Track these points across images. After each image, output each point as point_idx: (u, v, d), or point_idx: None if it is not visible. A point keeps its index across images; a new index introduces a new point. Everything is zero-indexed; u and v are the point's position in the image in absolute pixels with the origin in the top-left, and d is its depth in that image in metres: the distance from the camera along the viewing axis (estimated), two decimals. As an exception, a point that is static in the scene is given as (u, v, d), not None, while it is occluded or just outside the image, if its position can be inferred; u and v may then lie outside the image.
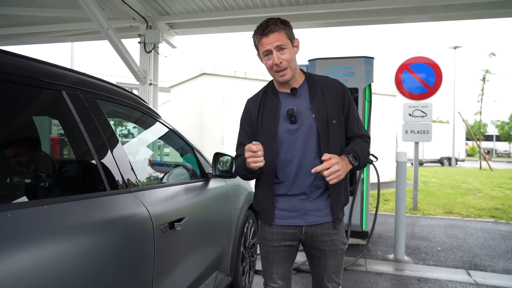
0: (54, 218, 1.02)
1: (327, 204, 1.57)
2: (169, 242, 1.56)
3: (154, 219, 1.44)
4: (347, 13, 5.16)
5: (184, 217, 1.68)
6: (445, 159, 22.44)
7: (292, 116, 1.53)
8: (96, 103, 1.42)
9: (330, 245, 1.59)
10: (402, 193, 3.92)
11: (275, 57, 1.48)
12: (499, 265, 3.73)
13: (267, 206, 1.59)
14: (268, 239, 1.62)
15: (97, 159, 1.29)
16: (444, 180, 11.85)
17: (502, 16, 5.09)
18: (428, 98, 6.51)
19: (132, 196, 1.40)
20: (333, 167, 1.37)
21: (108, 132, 1.41)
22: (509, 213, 6.35)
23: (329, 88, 1.60)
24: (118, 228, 1.25)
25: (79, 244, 1.07)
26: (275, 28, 1.48)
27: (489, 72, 17.21)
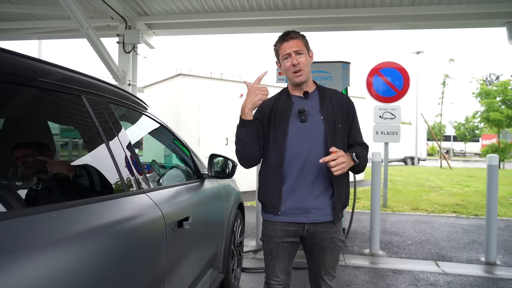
0: (88, 217, 1.08)
1: (329, 203, 1.69)
2: (178, 240, 1.63)
3: (166, 218, 1.51)
4: (324, 19, 5.38)
5: (189, 216, 1.76)
6: (408, 158, 23.59)
7: (303, 114, 1.68)
8: (110, 107, 1.47)
9: (329, 242, 1.71)
10: (376, 191, 4.17)
11: (293, 59, 1.67)
12: (463, 256, 4.06)
13: (274, 196, 1.68)
14: (271, 236, 1.72)
15: (115, 162, 1.35)
16: (409, 179, 12.50)
17: (463, 26, 5.51)
18: (397, 101, 6.90)
19: (146, 196, 1.47)
20: (339, 159, 1.53)
21: (123, 135, 1.46)
22: (469, 209, 6.87)
23: (337, 98, 1.78)
24: (137, 227, 1.31)
25: (106, 243, 1.13)
26: (294, 35, 1.70)
27: (449, 77, 18.32)
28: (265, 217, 1.78)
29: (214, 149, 7.00)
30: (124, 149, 1.43)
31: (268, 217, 1.75)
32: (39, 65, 1.17)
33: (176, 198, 1.78)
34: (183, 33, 5.92)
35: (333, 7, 5.09)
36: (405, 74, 6.84)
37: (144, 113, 1.80)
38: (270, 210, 1.72)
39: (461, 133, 42.19)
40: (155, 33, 5.88)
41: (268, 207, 1.73)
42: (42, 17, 5.58)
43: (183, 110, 7.76)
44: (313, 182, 1.68)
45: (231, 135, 8.39)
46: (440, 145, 19.29)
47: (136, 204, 1.38)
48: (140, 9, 5.32)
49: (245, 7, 5.17)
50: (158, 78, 8.75)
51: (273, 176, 1.70)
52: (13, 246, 0.81)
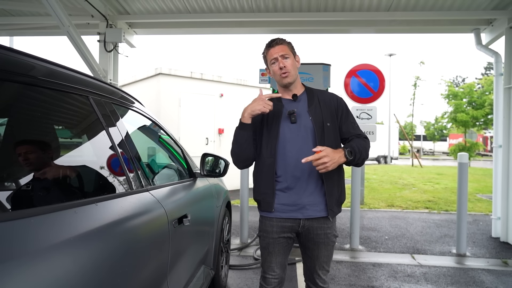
0: (102, 213, 1.13)
1: (323, 199, 1.78)
2: (178, 237, 1.69)
3: (169, 215, 1.57)
4: (304, 22, 5.53)
5: (187, 213, 1.82)
6: (382, 157, 24.37)
7: (293, 116, 1.77)
8: (113, 107, 1.51)
9: (324, 238, 1.80)
10: (357, 190, 4.36)
11: (280, 62, 1.78)
12: (436, 249, 4.31)
13: (268, 194, 1.76)
14: (268, 231, 1.80)
15: (122, 161, 1.39)
16: (383, 177, 12.95)
17: (435, 32, 5.84)
18: (373, 102, 7.16)
19: (149, 194, 1.52)
20: (322, 159, 1.60)
21: (126, 135, 1.51)
22: (440, 204, 7.24)
23: (325, 98, 1.87)
24: (142, 223, 1.37)
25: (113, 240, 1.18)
26: (280, 41, 1.81)
27: (419, 79, 19.10)
28: (261, 214, 1.86)
29: (195, 148, 7.02)
30: (128, 148, 1.48)
31: (264, 214, 1.83)
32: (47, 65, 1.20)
33: (175, 196, 1.83)
34: (165, 32, 5.90)
35: (314, 10, 5.25)
36: (381, 76, 7.10)
37: (141, 113, 1.84)
38: (265, 207, 1.80)
39: (430, 133, 43.94)
40: (136, 32, 5.83)
41: (263, 205, 1.81)
42: (17, 13, 5.40)
43: (163, 109, 7.72)
44: (307, 179, 1.76)
45: (211, 135, 8.40)
46: (411, 144, 20.06)
47: (141, 201, 1.42)
48: (121, 7, 5.26)
49: (228, 8, 5.23)
50: (137, 77, 8.64)
51: (267, 175, 1.78)
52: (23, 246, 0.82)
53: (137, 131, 1.82)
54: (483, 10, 4.84)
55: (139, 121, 1.91)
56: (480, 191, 9.25)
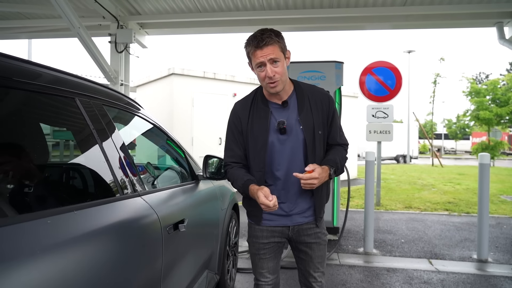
0: (83, 222, 1.06)
1: (311, 207, 1.71)
2: (174, 243, 1.62)
3: (162, 221, 1.50)
4: (316, 19, 5.39)
5: (185, 218, 1.75)
6: (400, 156, 23.80)
7: (283, 129, 1.62)
8: (104, 109, 1.45)
9: (315, 238, 1.74)
10: (370, 190, 4.20)
11: (269, 70, 1.52)
12: (455, 253, 4.11)
13: (256, 207, 1.63)
14: (258, 237, 1.73)
15: (110, 165, 1.33)
16: (402, 177, 12.61)
17: (454, 26, 5.58)
18: (389, 100, 6.95)
19: (141, 199, 1.46)
20: (311, 180, 1.51)
21: (117, 137, 1.45)
22: (460, 206, 6.95)
23: (316, 99, 1.68)
24: (133, 230, 1.30)
25: (99, 248, 1.12)
26: (269, 41, 1.51)
27: (440, 76, 18.52)
28: (252, 221, 1.78)
29: (208, 149, 6.97)
30: (119, 151, 1.42)
31: (255, 221, 1.76)
32: (30, 67, 1.15)
33: (172, 200, 1.76)
34: (176, 32, 5.88)
35: (326, 6, 5.11)
36: (397, 73, 6.89)
37: (137, 114, 1.78)
38: (252, 219, 1.76)
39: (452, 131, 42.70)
40: (147, 32, 5.84)
41: (251, 216, 1.76)
42: (32, 16, 5.50)
43: (176, 109, 7.72)
44: (297, 191, 1.67)
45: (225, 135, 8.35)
46: (431, 143, 19.49)
47: (131, 207, 1.36)
48: (132, 8, 5.27)
49: (238, 6, 5.16)
50: (150, 77, 8.69)
51: None
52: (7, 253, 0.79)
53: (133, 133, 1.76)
54: (506, 2, 4.59)
55: (136, 124, 1.85)
56: (505, 192, 8.86)
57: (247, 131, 1.67)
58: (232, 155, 1.72)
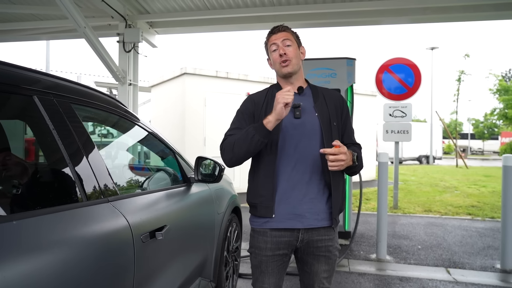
0: (25, 234, 0.95)
1: (325, 207, 1.56)
2: (150, 251, 1.50)
3: (134, 229, 1.38)
4: (328, 15, 5.19)
5: (166, 225, 1.63)
6: (423, 157, 23.05)
7: (297, 109, 1.56)
8: (71, 107, 1.35)
9: (325, 251, 1.58)
10: (384, 193, 3.97)
11: (280, 49, 1.58)
12: (476, 262, 3.82)
13: (267, 197, 1.53)
14: (261, 248, 1.57)
15: (72, 168, 1.22)
16: (423, 179, 12.13)
17: (476, 19, 5.23)
18: (408, 98, 6.64)
19: (110, 205, 1.34)
20: (340, 155, 1.40)
21: (84, 139, 1.34)
22: (485, 210, 6.56)
23: (330, 96, 1.68)
24: (94, 241, 1.18)
25: (53, 261, 1.00)
26: (283, 28, 1.63)
27: (464, 73, 17.76)
28: (254, 225, 1.62)
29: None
30: (85, 152, 1.31)
31: (258, 225, 1.59)
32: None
33: (152, 205, 1.64)
34: (185, 31, 5.82)
35: (338, 1, 4.90)
36: (416, 70, 6.57)
37: (116, 113, 1.67)
38: (262, 213, 1.55)
39: (479, 131, 41.05)
40: (157, 31, 5.80)
41: (260, 209, 1.56)
42: (45, 17, 5.56)
43: (188, 109, 7.67)
44: (307, 183, 1.54)
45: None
46: (455, 143, 18.73)
47: (95, 214, 1.25)
48: (141, 7, 5.23)
49: (247, 3, 5.03)
50: (164, 77, 8.69)
51: (267, 175, 1.55)
52: None
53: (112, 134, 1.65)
54: (534, -9, 4.25)
55: (116, 123, 1.75)
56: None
57: (260, 115, 1.59)
58: (236, 131, 1.59)
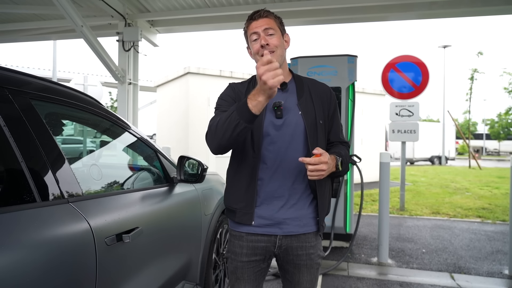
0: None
1: (308, 212, 1.45)
2: (117, 255, 1.42)
3: (96, 232, 1.30)
4: (331, 11, 5.06)
5: (137, 227, 1.55)
6: (436, 157, 22.56)
7: (279, 109, 1.42)
8: (31, 103, 1.28)
9: (306, 259, 1.46)
10: (385, 194, 3.83)
11: (262, 39, 1.41)
12: (483, 268, 3.65)
13: (247, 203, 1.42)
14: (237, 253, 1.48)
15: (25, 166, 1.15)
16: (433, 180, 11.84)
17: (485, 14, 5.03)
18: (415, 97, 6.45)
19: (70, 207, 1.27)
20: (320, 165, 1.27)
21: (43, 136, 1.27)
22: (496, 213, 6.32)
23: (317, 90, 1.53)
24: (46, 244, 1.11)
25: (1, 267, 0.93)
26: (265, 13, 1.45)
27: (477, 71, 17.31)
28: (232, 228, 1.52)
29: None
30: (43, 151, 1.24)
31: (236, 228, 1.50)
32: None
33: (122, 207, 1.56)
34: (186, 29, 5.76)
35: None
36: (424, 68, 6.38)
37: (85, 109, 1.59)
38: (241, 219, 1.44)
39: (494, 131, 40.11)
40: (158, 30, 5.77)
41: (239, 215, 1.45)
42: (47, 17, 5.58)
43: (192, 109, 7.63)
44: (290, 188, 1.43)
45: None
46: (468, 143, 18.27)
47: (50, 216, 1.17)
48: (141, 5, 5.20)
49: (248, 0, 4.94)
50: (168, 77, 8.68)
51: (246, 179, 1.43)
52: None
53: (81, 131, 1.58)
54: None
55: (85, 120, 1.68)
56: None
57: None
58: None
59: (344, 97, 4.21)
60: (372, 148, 10.09)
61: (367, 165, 6.96)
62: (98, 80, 9.93)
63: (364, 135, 10.11)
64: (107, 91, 16.87)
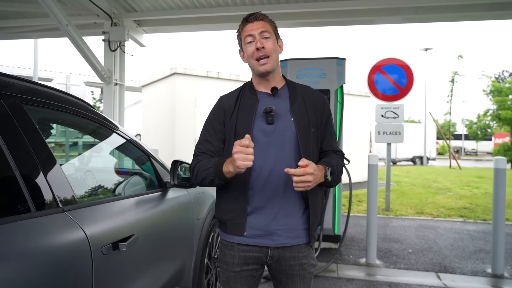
0: None
1: (301, 222, 1.42)
2: (113, 264, 1.39)
3: (92, 241, 1.27)
4: (320, 13, 5.10)
5: (133, 234, 1.52)
6: (417, 158, 23.07)
7: (270, 115, 1.39)
8: (23, 109, 1.24)
9: (299, 269, 1.44)
10: (373, 197, 3.88)
11: (258, 42, 1.39)
12: (467, 267, 3.75)
13: (238, 213, 1.39)
14: (228, 263, 1.45)
15: (19, 175, 1.11)
16: (416, 180, 12.10)
17: (469, 19, 5.16)
18: (400, 99, 6.56)
19: (66, 215, 1.23)
20: (306, 176, 1.24)
21: (36, 142, 1.23)
22: (477, 212, 6.50)
23: (310, 97, 1.50)
24: (42, 255, 1.07)
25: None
26: (261, 16, 1.43)
27: (458, 74, 17.79)
28: (223, 238, 1.49)
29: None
30: (36, 158, 1.19)
31: (227, 238, 1.47)
32: None
33: (117, 214, 1.53)
34: (174, 30, 5.70)
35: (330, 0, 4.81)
36: (409, 71, 6.50)
37: (76, 112, 1.55)
38: (232, 230, 1.42)
39: (472, 132, 41.23)
40: (145, 30, 5.68)
41: (230, 227, 1.42)
42: (23, 15, 5.40)
43: (179, 110, 7.55)
44: (282, 197, 1.39)
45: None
46: (449, 144, 18.76)
47: (45, 226, 1.14)
48: (128, 5, 5.11)
49: (236, 2, 4.93)
50: (154, 77, 8.56)
51: (237, 189, 1.40)
52: None
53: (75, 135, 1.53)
54: (527, -9, 4.19)
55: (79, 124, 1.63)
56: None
57: (231, 123, 1.44)
58: (207, 148, 1.46)
59: (333, 100, 4.24)
60: (357, 149, 10.23)
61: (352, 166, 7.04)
62: (81, 80, 9.73)
63: (349, 136, 10.23)
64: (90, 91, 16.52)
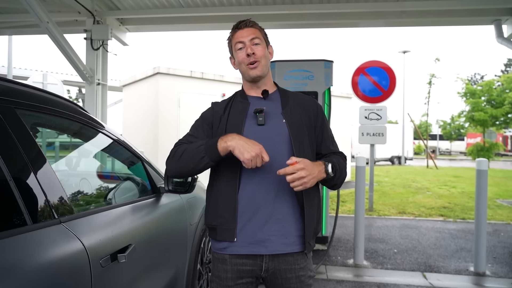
0: None
1: (295, 228, 1.37)
2: (111, 276, 1.33)
3: (91, 253, 1.20)
4: (306, 15, 5.12)
5: (131, 244, 1.46)
6: (395, 158, 23.61)
7: (261, 115, 1.37)
8: (16, 114, 1.16)
9: (296, 282, 1.38)
10: (361, 198, 3.93)
11: (248, 48, 1.40)
12: (451, 265, 3.85)
13: (227, 218, 1.33)
14: (221, 278, 1.38)
15: (14, 186, 1.04)
16: (396, 180, 12.37)
17: (450, 24, 5.32)
18: (383, 101, 6.69)
19: (63, 227, 1.16)
20: (298, 173, 1.20)
21: (31, 150, 1.15)
22: (456, 211, 6.71)
23: (303, 102, 1.49)
24: (40, 272, 1.01)
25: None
26: (251, 23, 1.45)
27: (435, 76, 18.35)
28: (214, 249, 1.43)
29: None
30: (32, 168, 1.12)
31: (218, 249, 1.40)
32: None
33: (114, 223, 1.47)
34: (158, 29, 5.58)
35: (316, 2, 4.84)
36: (391, 74, 6.64)
37: (72, 117, 1.48)
38: (223, 236, 1.35)
39: (447, 132, 42.63)
40: (128, 29, 5.53)
41: (220, 232, 1.36)
42: (5, 11, 5.16)
43: (162, 110, 7.41)
44: (274, 200, 1.34)
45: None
46: (426, 144, 19.31)
47: (43, 240, 1.07)
48: (111, 3, 4.96)
49: (223, 2, 4.88)
50: (136, 77, 8.37)
51: (227, 192, 1.35)
52: None
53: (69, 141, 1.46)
54: (504, -2, 4.35)
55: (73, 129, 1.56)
56: (501, 196, 8.63)
57: (221, 125, 1.41)
58: (190, 141, 1.41)
59: (320, 102, 4.26)
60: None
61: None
62: (58, 78, 9.39)
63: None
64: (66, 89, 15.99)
